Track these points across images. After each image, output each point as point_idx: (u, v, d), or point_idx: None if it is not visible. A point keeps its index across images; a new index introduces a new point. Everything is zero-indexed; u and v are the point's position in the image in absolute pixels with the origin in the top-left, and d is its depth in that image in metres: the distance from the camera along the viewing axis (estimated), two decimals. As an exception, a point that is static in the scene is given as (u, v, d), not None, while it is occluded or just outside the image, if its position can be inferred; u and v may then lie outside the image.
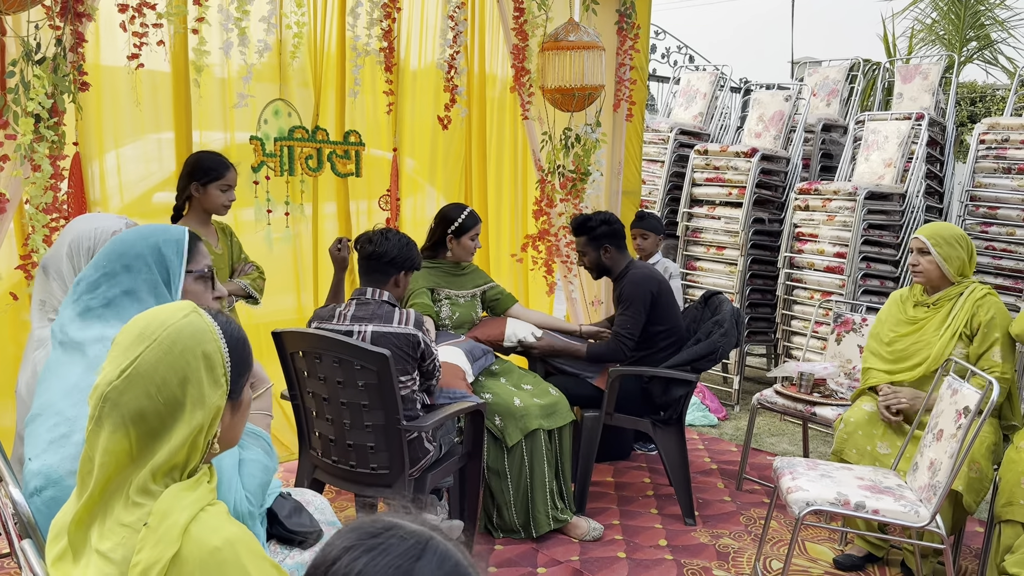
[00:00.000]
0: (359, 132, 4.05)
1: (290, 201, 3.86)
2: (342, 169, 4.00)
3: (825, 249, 5.35)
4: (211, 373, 1.25)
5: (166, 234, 1.81)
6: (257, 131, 3.68)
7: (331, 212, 4.23)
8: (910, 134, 5.52)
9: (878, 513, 2.70)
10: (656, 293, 3.65)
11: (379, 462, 2.78)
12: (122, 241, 1.78)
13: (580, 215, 3.85)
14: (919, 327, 3.31)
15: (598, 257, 3.75)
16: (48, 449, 1.59)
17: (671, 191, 6.34)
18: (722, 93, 6.86)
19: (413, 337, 2.79)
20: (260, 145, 3.68)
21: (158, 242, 1.78)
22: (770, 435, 5.02)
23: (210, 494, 1.24)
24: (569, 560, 3.23)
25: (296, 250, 4.12)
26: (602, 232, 3.72)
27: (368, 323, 2.80)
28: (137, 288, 1.74)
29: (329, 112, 4.03)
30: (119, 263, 1.74)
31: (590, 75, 4.05)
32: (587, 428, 3.62)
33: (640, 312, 3.62)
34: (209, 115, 3.62)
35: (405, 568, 0.86)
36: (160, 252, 1.77)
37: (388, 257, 2.89)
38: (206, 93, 3.41)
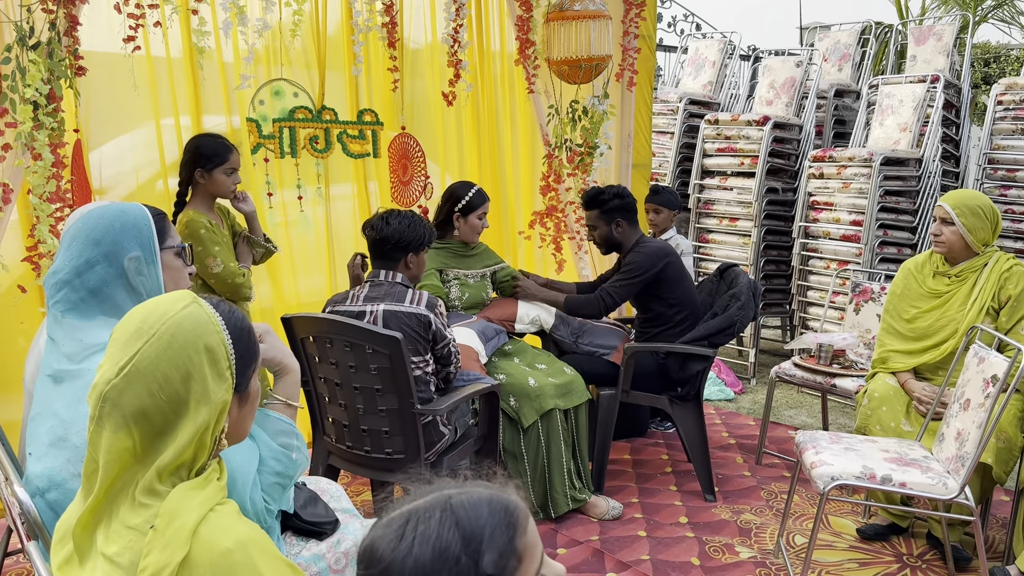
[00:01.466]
0: (375, 111, 3.95)
1: (302, 184, 3.78)
2: (356, 150, 3.91)
3: (841, 217, 5.25)
4: (215, 367, 1.19)
5: (134, 212, 1.74)
6: (252, 112, 3.59)
7: (344, 194, 4.13)
8: (925, 97, 5.40)
9: (905, 486, 2.64)
10: (662, 269, 3.57)
11: (394, 447, 2.74)
12: (92, 227, 1.69)
13: (592, 188, 3.76)
14: (943, 301, 3.18)
15: (609, 232, 3.67)
16: (48, 452, 1.55)
17: (681, 163, 6.24)
18: (731, 61, 6.73)
19: (424, 317, 2.74)
20: (256, 127, 3.60)
21: (130, 221, 1.71)
22: (788, 407, 4.96)
23: (220, 492, 1.18)
24: (589, 540, 3.19)
25: (313, 233, 4.03)
26: (614, 206, 3.63)
27: (380, 303, 2.75)
28: (118, 275, 1.67)
29: (336, 91, 3.94)
30: (97, 250, 1.67)
31: (597, 45, 3.95)
32: (603, 406, 3.57)
33: (635, 284, 3.56)
34: (211, 98, 3.54)
35: (449, 542, 0.84)
36: (140, 227, 1.71)
37: (392, 241, 2.83)
38: (208, 76, 3.33)
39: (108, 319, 1.67)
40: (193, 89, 3.37)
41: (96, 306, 1.66)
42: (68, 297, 1.65)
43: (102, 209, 1.72)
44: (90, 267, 1.64)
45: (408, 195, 4.10)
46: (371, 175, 4.10)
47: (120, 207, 1.73)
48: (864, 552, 3.14)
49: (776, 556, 3.09)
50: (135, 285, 1.68)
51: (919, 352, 3.22)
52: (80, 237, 1.67)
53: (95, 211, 1.72)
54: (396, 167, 4.06)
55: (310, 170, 3.81)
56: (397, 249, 2.85)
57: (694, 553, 3.11)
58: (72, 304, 1.65)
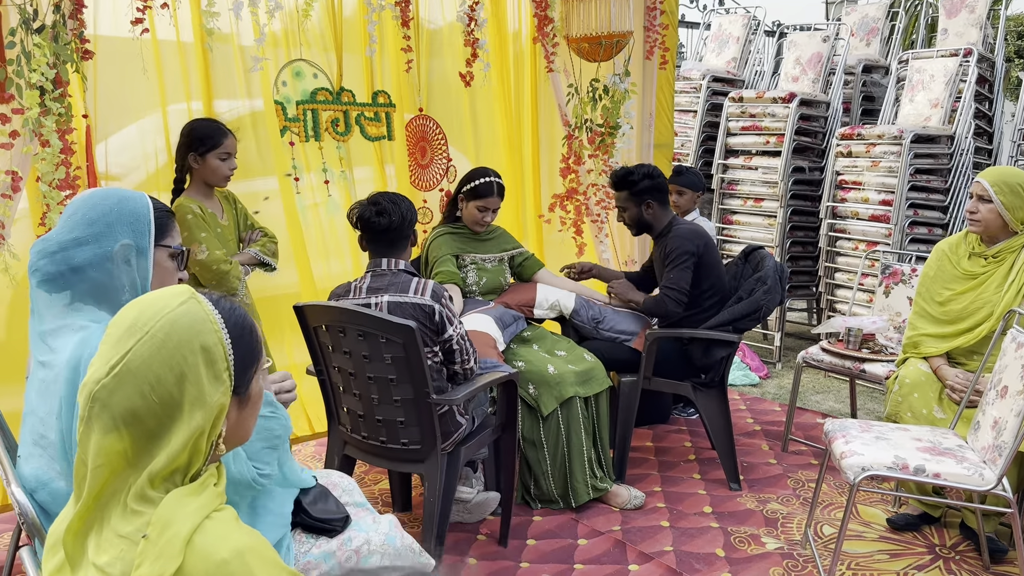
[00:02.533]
0: (388, 93, 3.87)
1: (328, 167, 3.71)
2: (373, 132, 3.83)
3: (870, 197, 5.11)
4: (211, 368, 1.12)
5: (136, 201, 1.68)
6: (276, 94, 3.52)
7: (362, 177, 4.05)
8: (958, 72, 5.22)
9: (939, 477, 2.54)
10: (703, 250, 3.47)
11: (410, 437, 2.68)
12: (91, 207, 1.65)
13: (621, 168, 3.65)
14: (978, 283, 3.07)
15: (639, 213, 3.57)
16: (33, 452, 1.52)
17: (705, 142, 6.11)
18: (755, 37, 6.56)
19: (428, 308, 2.65)
20: (281, 109, 3.52)
21: (129, 208, 1.65)
22: (815, 392, 4.85)
23: (217, 499, 1.12)
24: (611, 530, 3.12)
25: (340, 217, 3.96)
26: (645, 187, 3.52)
27: (384, 293, 2.68)
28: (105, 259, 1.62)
29: (354, 73, 3.85)
30: (89, 229, 1.62)
31: (617, 21, 3.83)
32: (625, 393, 3.49)
33: (689, 266, 3.45)
34: (223, 82, 3.47)
35: None
36: (138, 219, 1.66)
37: (395, 228, 2.71)
38: (218, 58, 3.26)
39: (78, 304, 1.62)
40: (204, 73, 3.30)
41: (71, 285, 1.62)
42: (47, 268, 1.62)
43: (107, 191, 1.69)
44: (78, 245, 1.61)
45: (428, 178, 4.02)
46: (387, 158, 4.02)
47: (125, 194, 1.69)
48: (895, 543, 3.05)
49: (804, 547, 3.01)
50: (118, 274, 1.63)
51: (952, 336, 3.11)
52: (77, 214, 1.64)
53: (99, 192, 1.69)
54: (414, 150, 3.98)
55: (333, 153, 3.74)
56: (402, 236, 2.76)
57: (719, 544, 3.03)
58: (49, 276, 1.62)
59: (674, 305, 3.44)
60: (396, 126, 3.91)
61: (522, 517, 3.21)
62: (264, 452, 1.60)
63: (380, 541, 1.76)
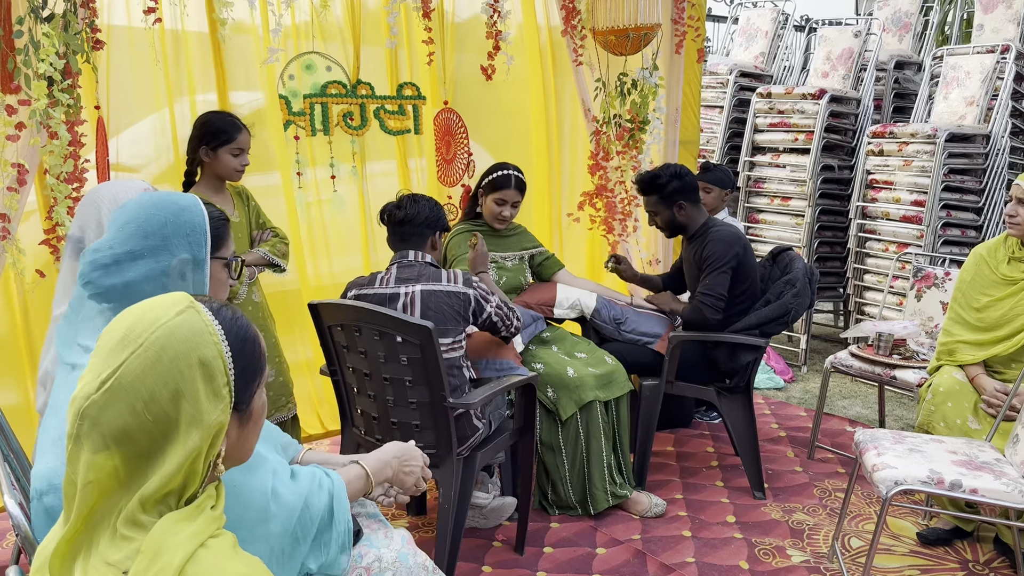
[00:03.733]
0: (416, 85, 3.77)
1: (336, 162, 3.63)
2: (394, 126, 3.74)
3: (901, 197, 4.96)
4: (210, 384, 1.04)
5: (193, 212, 1.56)
6: (281, 88, 3.45)
7: (380, 171, 3.97)
8: (994, 68, 5.06)
9: (976, 492, 2.43)
10: (742, 254, 3.35)
11: (425, 441, 2.59)
12: (147, 218, 1.53)
13: (645, 172, 3.53)
14: (1018, 289, 2.94)
15: (672, 216, 3.45)
16: (50, 449, 1.43)
17: (731, 139, 5.98)
18: (784, 31, 6.42)
19: (464, 295, 2.62)
20: (286, 104, 3.45)
21: (187, 220, 1.54)
22: (841, 398, 4.73)
23: (213, 523, 1.04)
24: (630, 539, 3.03)
25: (347, 213, 3.90)
26: (674, 188, 3.40)
27: (415, 284, 2.62)
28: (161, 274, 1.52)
29: (375, 65, 3.77)
30: (145, 243, 1.51)
31: (645, 13, 3.72)
32: (646, 398, 3.39)
33: (727, 271, 3.31)
34: (237, 74, 3.40)
35: None
36: (195, 230, 1.54)
37: (421, 218, 2.72)
38: (233, 50, 3.18)
39: None
40: (219, 64, 3.23)
41: (123, 298, 1.51)
42: (100, 281, 1.52)
43: (161, 200, 1.56)
44: (133, 259, 1.50)
45: (452, 173, 3.93)
46: (412, 152, 3.93)
47: (180, 202, 1.56)
48: (926, 558, 2.94)
49: (831, 560, 2.90)
50: (172, 289, 1.52)
51: (990, 343, 2.99)
52: (131, 225, 1.52)
53: (154, 200, 1.56)
54: (440, 144, 3.90)
55: (345, 147, 3.65)
56: (427, 226, 2.73)
57: (742, 556, 2.93)
58: (101, 289, 1.52)
59: (712, 312, 3.30)
60: (425, 119, 3.82)
61: (539, 523, 3.13)
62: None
63: (392, 558, 1.68)
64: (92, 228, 2.03)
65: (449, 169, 3.92)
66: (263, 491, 1.43)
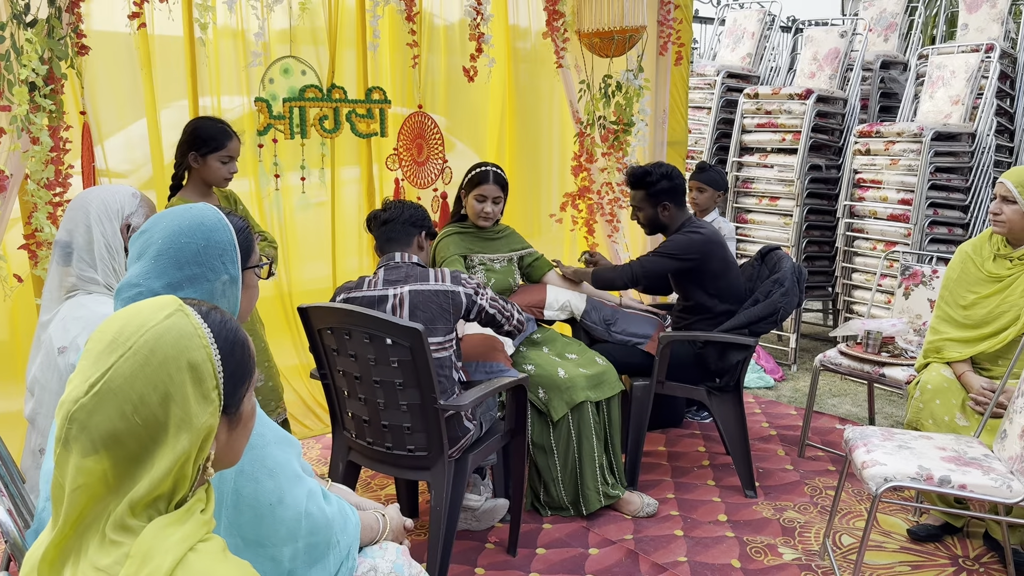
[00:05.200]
0: (383, 89, 3.79)
1: (306, 166, 3.63)
2: (363, 129, 3.75)
3: (888, 196, 4.99)
4: (199, 387, 1.04)
5: (221, 231, 1.51)
6: (262, 92, 3.45)
7: (352, 177, 3.99)
8: (979, 68, 5.10)
9: (965, 488, 2.44)
10: (703, 260, 3.37)
11: (416, 443, 2.60)
12: (180, 248, 1.47)
13: (639, 167, 3.55)
14: (1004, 286, 2.96)
15: (655, 214, 3.47)
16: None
17: (719, 139, 6.00)
18: (771, 32, 6.45)
19: (453, 294, 2.61)
20: (266, 107, 3.45)
21: (218, 242, 1.50)
22: (831, 396, 4.75)
23: (203, 527, 1.03)
24: (623, 539, 3.03)
25: (316, 217, 3.91)
26: (662, 188, 3.42)
27: (403, 285, 2.62)
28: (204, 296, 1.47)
29: (346, 69, 3.78)
30: (181, 273, 1.46)
31: (630, 15, 3.73)
32: (637, 398, 3.40)
33: (667, 264, 3.39)
34: (225, 78, 3.40)
35: None
36: (227, 249, 1.51)
37: (405, 216, 2.73)
38: (215, 54, 3.18)
39: None
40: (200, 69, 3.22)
41: None
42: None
43: (190, 225, 1.49)
44: (173, 291, 1.45)
45: (423, 177, 3.93)
46: (376, 156, 3.95)
47: (208, 223, 1.50)
48: (916, 554, 2.95)
49: (822, 558, 2.91)
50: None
51: (976, 340, 3.01)
52: (164, 258, 1.46)
53: (181, 226, 1.49)
54: (411, 147, 3.89)
55: (315, 151, 3.66)
56: (412, 225, 2.74)
57: (734, 555, 2.94)
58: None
59: (629, 279, 3.42)
60: (390, 123, 3.82)
61: (531, 525, 3.13)
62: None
63: (387, 569, 1.67)
64: (80, 233, 2.02)
65: (420, 172, 3.92)
66: (296, 509, 1.44)
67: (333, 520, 1.52)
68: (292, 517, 1.43)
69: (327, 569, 1.51)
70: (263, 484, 1.40)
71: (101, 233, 2.03)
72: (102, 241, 2.03)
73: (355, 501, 1.83)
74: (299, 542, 1.44)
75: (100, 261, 2.03)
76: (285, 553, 1.43)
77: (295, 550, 1.44)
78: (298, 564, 1.45)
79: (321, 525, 1.48)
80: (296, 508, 1.44)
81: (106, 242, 2.03)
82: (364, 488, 3.46)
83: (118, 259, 2.05)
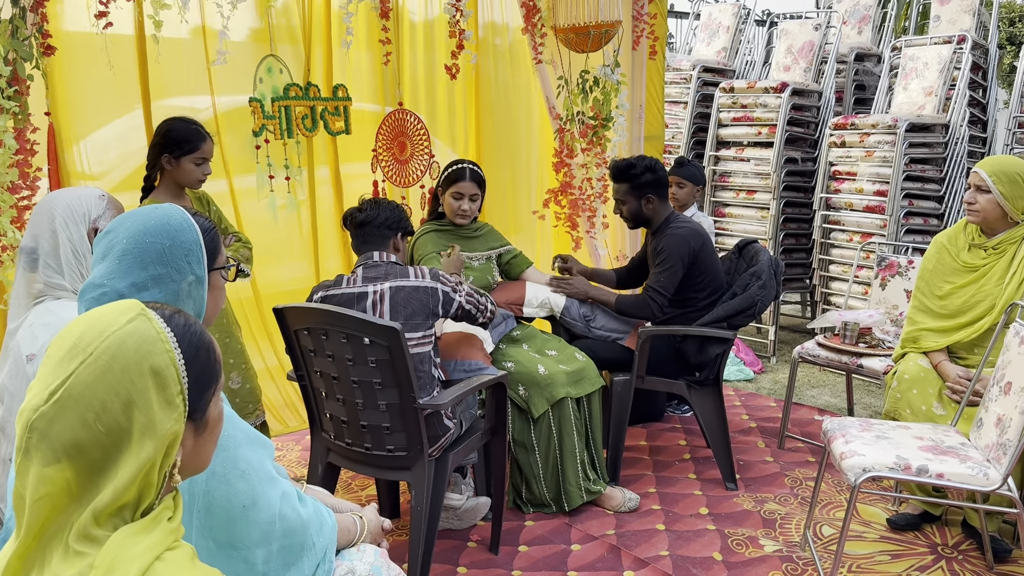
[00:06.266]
0: (345, 86, 3.76)
1: (289, 165, 3.61)
2: (334, 127, 3.72)
3: (864, 187, 5.02)
4: (163, 393, 1.02)
5: (187, 232, 1.50)
6: (254, 91, 3.42)
7: (327, 176, 3.97)
8: (951, 59, 5.14)
9: (943, 477, 2.46)
10: (698, 250, 3.37)
11: (396, 443, 2.58)
12: (145, 248, 1.44)
13: (622, 160, 3.53)
14: (979, 275, 2.98)
15: (639, 207, 3.45)
16: None
17: (696, 134, 6.01)
18: (746, 26, 6.47)
19: (432, 290, 2.62)
20: (260, 107, 3.42)
21: (184, 242, 1.48)
22: (810, 387, 4.77)
23: (170, 536, 1.01)
24: (604, 535, 3.03)
25: (298, 217, 3.88)
26: (646, 181, 3.41)
27: (383, 282, 2.61)
28: (170, 298, 1.45)
29: (319, 67, 3.75)
30: (145, 273, 1.44)
31: (605, 10, 3.73)
32: (618, 393, 3.40)
33: (678, 270, 3.35)
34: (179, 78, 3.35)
35: None
36: (193, 249, 1.49)
37: (381, 219, 2.72)
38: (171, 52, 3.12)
39: None
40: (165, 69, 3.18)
41: None
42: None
43: (155, 225, 1.47)
44: (138, 291, 1.44)
45: (409, 174, 3.90)
46: (342, 155, 3.93)
47: (173, 224, 1.48)
48: (896, 543, 2.97)
49: (803, 549, 2.93)
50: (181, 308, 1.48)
51: (953, 330, 3.03)
52: (128, 257, 1.44)
53: (146, 226, 1.46)
54: (391, 146, 3.87)
55: (295, 151, 3.63)
56: (388, 227, 2.73)
57: (716, 547, 2.95)
58: None
59: (658, 309, 3.37)
60: (353, 120, 3.79)
61: (514, 522, 3.12)
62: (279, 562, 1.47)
63: (365, 572, 1.65)
64: (46, 239, 1.99)
65: (404, 170, 3.89)
66: (270, 511, 1.42)
67: (308, 522, 1.50)
68: (265, 519, 1.41)
69: (302, 571, 1.49)
70: (235, 486, 1.38)
71: (67, 238, 1.99)
72: (68, 246, 1.99)
73: (332, 503, 1.81)
74: (273, 544, 1.43)
75: (67, 266, 1.99)
76: (259, 556, 1.41)
77: (269, 552, 1.43)
78: (272, 567, 1.43)
79: (296, 527, 1.46)
80: (270, 510, 1.42)
81: (73, 247, 2.00)
82: (345, 489, 3.43)
83: (85, 264, 2.01)
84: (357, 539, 1.72)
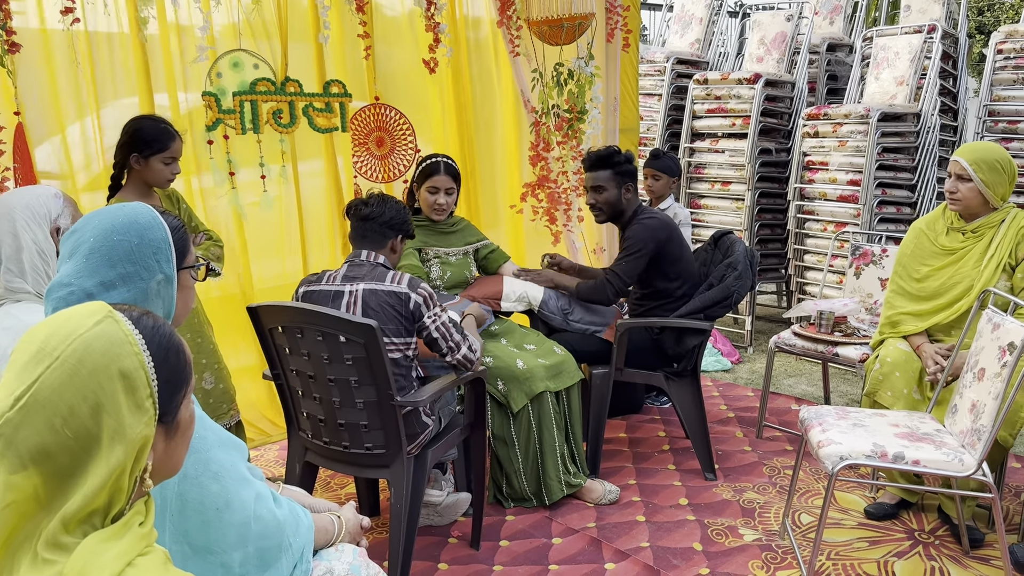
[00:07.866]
0: (342, 82, 3.72)
1: (265, 163, 3.56)
2: (322, 124, 3.68)
3: (837, 177, 5.06)
4: (131, 396, 1.00)
5: (155, 230, 1.47)
6: (210, 86, 3.36)
7: (313, 170, 3.92)
8: (922, 48, 5.18)
9: (919, 463, 2.48)
10: (664, 241, 3.38)
11: (374, 441, 2.56)
12: (112, 246, 1.42)
13: (602, 148, 3.52)
14: (957, 258, 3.02)
15: (618, 195, 3.42)
16: None
17: (670, 126, 6.02)
18: (719, 18, 6.49)
19: (404, 295, 2.56)
20: (215, 101, 3.37)
21: (152, 241, 1.45)
22: (787, 376, 4.81)
23: (141, 541, 0.99)
24: (585, 528, 3.04)
25: (279, 214, 3.84)
26: (627, 169, 3.41)
27: (360, 282, 2.58)
28: (139, 298, 1.43)
29: (301, 62, 3.70)
30: (113, 271, 1.41)
31: (579, 3, 3.72)
32: (596, 386, 3.40)
33: (642, 257, 3.36)
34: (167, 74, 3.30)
35: None
36: (161, 247, 1.46)
37: (385, 218, 2.67)
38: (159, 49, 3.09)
39: None
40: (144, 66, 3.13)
41: None
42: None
43: (122, 223, 1.44)
44: (106, 290, 1.41)
45: (389, 169, 3.87)
46: (339, 150, 3.88)
47: (141, 221, 1.45)
48: (874, 529, 3.00)
49: (782, 537, 2.95)
50: (150, 308, 1.45)
51: (931, 313, 3.06)
52: (96, 255, 1.41)
53: (113, 224, 1.44)
54: (365, 141, 3.84)
55: (274, 147, 3.58)
56: (389, 228, 2.69)
57: (696, 538, 2.96)
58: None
59: (613, 293, 3.38)
60: (350, 116, 3.76)
61: (494, 517, 3.12)
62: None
63: (343, 571, 1.64)
64: (8, 241, 1.95)
65: (382, 165, 3.86)
66: (244, 513, 1.40)
67: (284, 523, 1.48)
68: (240, 521, 1.39)
69: (280, 573, 1.48)
70: (208, 488, 1.36)
71: (32, 240, 1.96)
72: (34, 248, 1.95)
73: (309, 503, 1.80)
74: (249, 546, 1.41)
75: (31, 269, 1.96)
76: (235, 558, 1.40)
77: (245, 555, 1.41)
78: (249, 569, 1.42)
79: (272, 528, 1.45)
80: (244, 512, 1.40)
81: (38, 248, 1.96)
82: (324, 488, 3.41)
83: (52, 264, 1.97)
84: (335, 539, 1.70)
